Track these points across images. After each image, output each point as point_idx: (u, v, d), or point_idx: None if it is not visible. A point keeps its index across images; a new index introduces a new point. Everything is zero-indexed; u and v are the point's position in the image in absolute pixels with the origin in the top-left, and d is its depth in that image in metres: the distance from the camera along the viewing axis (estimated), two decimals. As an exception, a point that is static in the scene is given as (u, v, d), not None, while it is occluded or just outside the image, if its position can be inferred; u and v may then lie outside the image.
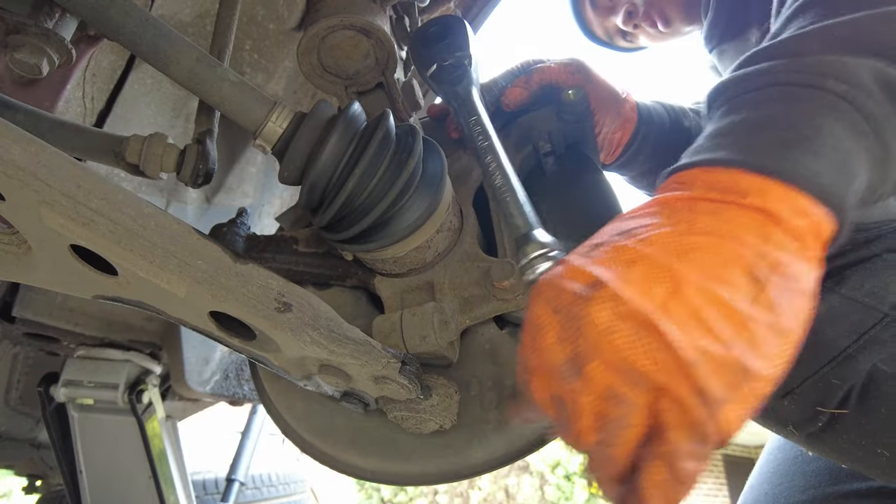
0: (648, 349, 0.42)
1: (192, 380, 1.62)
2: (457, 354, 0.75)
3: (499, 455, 0.72)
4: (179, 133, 1.29)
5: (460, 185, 0.85)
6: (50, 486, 2.60)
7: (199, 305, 0.61)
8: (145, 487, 1.87)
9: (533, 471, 9.97)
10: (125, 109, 1.19)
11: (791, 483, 0.94)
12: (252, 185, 1.51)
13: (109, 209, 0.57)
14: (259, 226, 1.61)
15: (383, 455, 0.76)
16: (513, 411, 0.59)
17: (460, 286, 0.76)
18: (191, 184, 0.84)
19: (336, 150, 0.68)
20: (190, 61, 0.72)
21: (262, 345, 0.64)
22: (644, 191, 1.21)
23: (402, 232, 0.72)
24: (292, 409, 0.82)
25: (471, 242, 0.79)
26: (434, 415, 0.69)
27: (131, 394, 1.84)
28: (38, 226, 0.57)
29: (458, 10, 1.25)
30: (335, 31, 0.81)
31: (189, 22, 1.09)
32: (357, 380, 0.66)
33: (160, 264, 0.57)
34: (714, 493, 11.84)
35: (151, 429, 1.90)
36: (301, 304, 0.62)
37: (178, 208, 1.44)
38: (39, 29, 0.73)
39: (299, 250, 0.86)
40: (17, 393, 2.06)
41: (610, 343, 0.43)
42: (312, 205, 0.72)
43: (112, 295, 0.64)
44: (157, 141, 0.84)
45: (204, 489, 2.71)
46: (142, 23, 0.71)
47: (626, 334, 0.42)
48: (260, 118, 0.71)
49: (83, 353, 1.84)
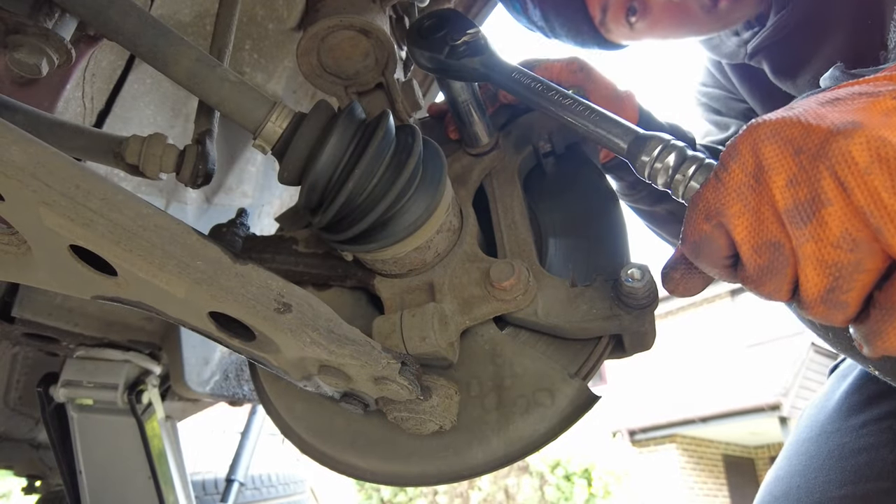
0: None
1: (191, 380, 1.62)
2: (457, 355, 0.75)
3: (498, 456, 0.72)
4: (179, 133, 1.29)
5: (460, 185, 0.85)
6: (49, 487, 2.60)
7: (199, 306, 0.61)
8: (145, 488, 1.86)
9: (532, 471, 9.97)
10: (124, 110, 1.19)
11: (827, 478, 0.92)
12: (251, 185, 1.51)
13: (109, 209, 0.56)
14: (259, 226, 1.61)
15: (383, 456, 0.76)
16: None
17: (460, 287, 0.76)
18: (190, 184, 0.83)
19: (336, 150, 0.68)
20: (189, 61, 0.72)
21: (261, 345, 0.64)
22: (637, 205, 1.20)
23: (402, 232, 0.72)
24: (292, 410, 0.82)
25: (471, 243, 0.79)
26: (434, 416, 0.69)
27: (131, 394, 1.84)
28: (37, 226, 0.57)
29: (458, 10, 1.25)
30: (335, 31, 0.81)
31: (189, 22, 1.09)
32: (357, 381, 0.66)
33: (159, 265, 0.57)
34: (714, 492, 11.84)
35: (151, 429, 1.90)
36: (301, 304, 0.61)
37: (178, 208, 1.44)
38: (39, 29, 0.73)
39: (299, 251, 0.86)
40: (16, 393, 2.06)
41: (866, 183, 0.41)
42: (312, 205, 0.71)
43: (111, 295, 0.64)
44: (156, 141, 0.84)
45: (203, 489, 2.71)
46: (141, 23, 0.71)
47: (886, 176, 0.41)
48: (259, 118, 0.71)
49: (83, 353, 1.83)
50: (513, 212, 0.82)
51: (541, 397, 0.71)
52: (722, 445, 12.56)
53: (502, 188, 0.85)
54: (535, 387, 0.71)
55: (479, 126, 0.85)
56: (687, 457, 11.87)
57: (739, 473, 12.52)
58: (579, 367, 0.73)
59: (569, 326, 0.71)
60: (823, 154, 0.43)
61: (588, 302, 0.71)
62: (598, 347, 0.73)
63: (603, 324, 0.70)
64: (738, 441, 12.67)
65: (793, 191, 0.45)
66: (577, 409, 0.71)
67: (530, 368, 0.72)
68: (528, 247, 0.79)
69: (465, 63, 0.75)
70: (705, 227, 0.50)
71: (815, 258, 0.44)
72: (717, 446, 12.48)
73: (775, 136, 0.46)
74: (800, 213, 0.44)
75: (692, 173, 0.55)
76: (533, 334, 0.77)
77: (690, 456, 11.96)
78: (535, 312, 0.73)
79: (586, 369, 0.73)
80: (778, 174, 0.45)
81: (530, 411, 0.70)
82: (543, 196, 0.91)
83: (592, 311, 0.70)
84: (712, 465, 12.23)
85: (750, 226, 0.48)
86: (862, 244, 0.43)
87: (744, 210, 0.48)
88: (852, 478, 0.88)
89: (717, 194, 0.49)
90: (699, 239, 0.51)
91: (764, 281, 0.49)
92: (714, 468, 12.20)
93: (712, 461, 12.32)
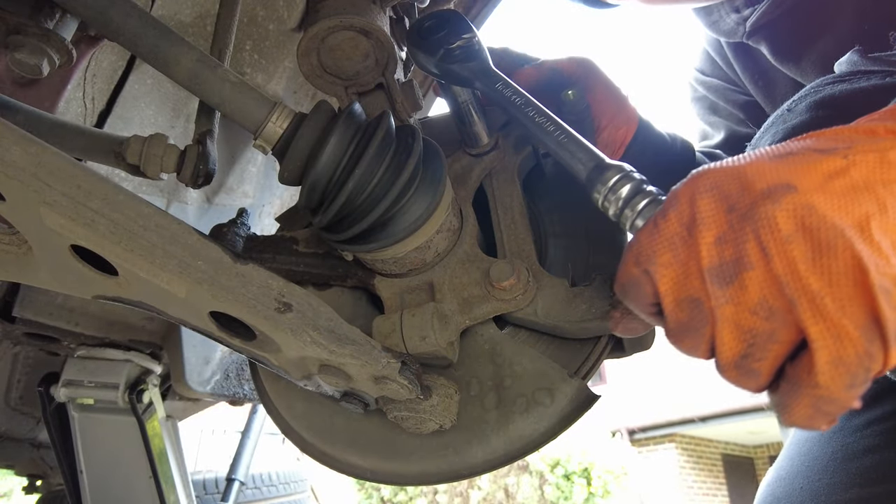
0: (827, 269, 0.39)
1: (192, 380, 1.62)
2: (456, 355, 0.75)
3: (498, 455, 0.72)
4: (180, 133, 1.30)
5: (460, 185, 0.85)
6: (50, 486, 2.60)
7: (200, 306, 0.61)
8: (146, 487, 1.87)
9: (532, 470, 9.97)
10: (125, 110, 1.19)
11: (831, 480, 0.90)
12: (252, 185, 1.51)
13: (110, 209, 0.57)
14: (259, 226, 1.61)
15: (383, 455, 0.76)
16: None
17: (460, 286, 0.76)
18: (191, 184, 0.84)
19: (336, 150, 0.68)
20: (190, 62, 0.72)
21: (262, 345, 0.64)
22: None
23: (402, 232, 0.72)
24: (292, 409, 0.83)
25: (471, 243, 0.79)
26: (434, 415, 0.69)
27: (132, 394, 1.84)
28: (38, 226, 0.57)
29: (458, 10, 1.25)
30: (335, 31, 0.81)
31: (189, 22, 1.09)
32: (357, 380, 0.66)
33: (160, 264, 0.57)
34: (713, 491, 11.84)
35: (152, 428, 1.90)
36: (301, 304, 0.62)
37: (179, 209, 1.44)
38: (40, 29, 0.73)
39: (299, 251, 0.86)
40: (17, 393, 2.06)
41: (785, 252, 0.40)
42: (312, 205, 0.72)
43: (112, 295, 0.65)
44: (157, 141, 0.84)
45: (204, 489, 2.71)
46: (142, 23, 0.71)
47: (806, 247, 0.39)
48: (260, 119, 0.71)
49: (83, 353, 1.84)
50: (513, 212, 0.82)
51: (540, 397, 0.71)
52: (721, 445, 12.56)
53: (502, 188, 0.85)
54: (535, 386, 0.71)
55: (478, 126, 0.86)
56: (686, 456, 11.88)
57: (739, 473, 12.52)
58: (579, 366, 0.73)
59: (568, 326, 0.72)
60: (752, 216, 0.42)
61: (587, 301, 0.71)
62: (598, 347, 0.73)
63: (602, 323, 0.70)
64: (738, 440, 12.67)
65: (719, 249, 0.43)
66: (577, 409, 0.71)
67: (530, 368, 0.73)
68: (528, 247, 0.79)
69: (456, 68, 0.76)
70: (634, 271, 0.49)
71: (732, 322, 0.43)
72: (716, 446, 12.49)
73: (713, 190, 0.45)
74: (723, 273, 0.43)
75: (641, 209, 0.54)
76: (532, 334, 0.77)
77: (690, 455, 11.96)
78: (534, 312, 0.73)
79: (586, 369, 0.73)
80: (709, 230, 0.44)
81: (530, 410, 0.71)
82: (543, 196, 0.91)
83: (592, 310, 0.71)
84: (711, 464, 12.24)
85: (674, 279, 0.46)
86: (777, 314, 0.41)
87: (672, 261, 0.46)
88: (858, 480, 0.86)
89: (651, 240, 0.47)
90: (627, 282, 0.50)
91: (682, 337, 0.47)
92: (713, 467, 12.21)
93: (711, 460, 12.32)
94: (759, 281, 0.41)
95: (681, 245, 0.45)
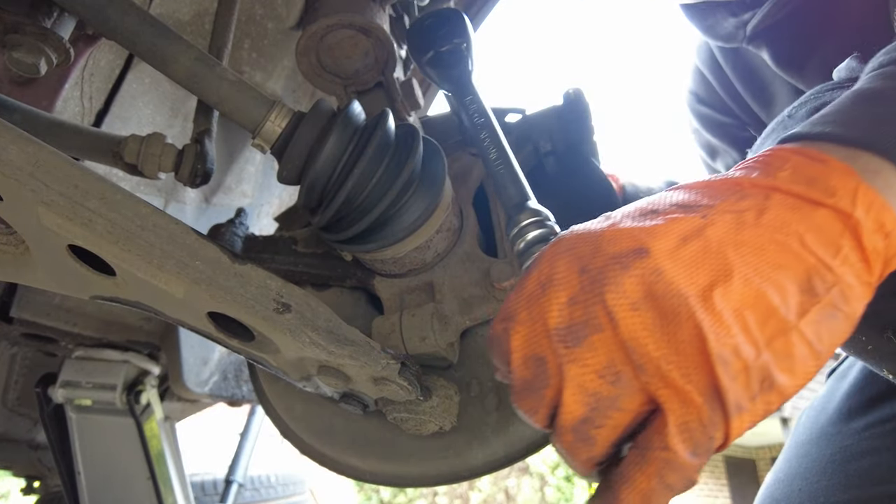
0: (672, 337, 0.39)
1: (190, 381, 1.62)
2: (456, 355, 0.75)
3: (499, 457, 0.71)
4: (178, 132, 1.29)
5: (460, 185, 0.85)
6: (48, 488, 2.59)
7: (198, 306, 0.61)
8: (144, 488, 1.86)
9: (533, 472, 9.97)
10: (123, 109, 1.19)
11: (830, 482, 0.89)
12: (251, 184, 1.51)
13: (107, 209, 0.56)
14: (258, 226, 1.61)
15: (382, 456, 0.76)
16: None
17: (460, 287, 0.76)
18: (189, 184, 0.83)
19: (335, 149, 0.68)
20: (188, 60, 0.71)
21: (260, 346, 0.64)
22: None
23: (402, 232, 0.72)
24: (291, 411, 0.82)
25: (471, 243, 0.79)
26: (434, 416, 0.69)
27: (129, 395, 1.84)
28: (35, 226, 0.57)
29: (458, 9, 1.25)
30: (334, 30, 0.81)
31: (187, 21, 1.08)
32: (356, 381, 0.66)
33: (158, 264, 0.57)
34: (715, 493, 11.85)
35: (150, 430, 1.89)
36: (300, 304, 0.61)
37: (177, 208, 1.43)
38: (37, 28, 0.73)
39: (298, 251, 0.86)
40: (14, 394, 2.05)
41: (632, 319, 0.40)
42: (311, 205, 0.71)
43: (110, 295, 0.64)
44: (155, 141, 0.83)
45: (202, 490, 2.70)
46: (140, 22, 0.71)
47: (648, 318, 0.39)
48: (259, 117, 0.71)
49: (81, 353, 1.83)
50: (513, 211, 0.82)
51: None
52: (722, 446, 12.56)
53: (502, 188, 0.84)
54: None
55: (479, 126, 0.85)
56: (686, 457, 11.86)
57: (740, 474, 12.53)
58: (580, 367, 0.73)
59: (569, 326, 0.71)
60: (602, 279, 0.41)
61: None
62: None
63: None
64: (739, 442, 12.68)
65: (570, 310, 0.42)
66: (578, 410, 0.71)
67: (530, 369, 0.72)
68: (528, 247, 0.78)
69: (439, 72, 0.78)
70: (497, 327, 0.48)
71: (577, 383, 0.42)
72: (716, 447, 12.48)
73: (570, 251, 0.45)
74: (572, 333, 0.42)
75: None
76: None
77: (690, 456, 11.94)
78: None
79: (587, 369, 0.72)
80: (562, 290, 0.43)
81: None
82: (544, 196, 0.91)
83: None
84: (713, 465, 12.24)
85: (525, 336, 0.45)
86: (624, 379, 0.40)
87: (526, 319, 0.45)
88: (856, 482, 0.86)
89: (515, 298, 0.47)
90: (491, 337, 0.49)
91: (523, 396, 0.46)
92: (715, 469, 12.21)
93: (713, 462, 12.33)
94: (607, 344, 0.41)
95: (535, 304, 0.45)
